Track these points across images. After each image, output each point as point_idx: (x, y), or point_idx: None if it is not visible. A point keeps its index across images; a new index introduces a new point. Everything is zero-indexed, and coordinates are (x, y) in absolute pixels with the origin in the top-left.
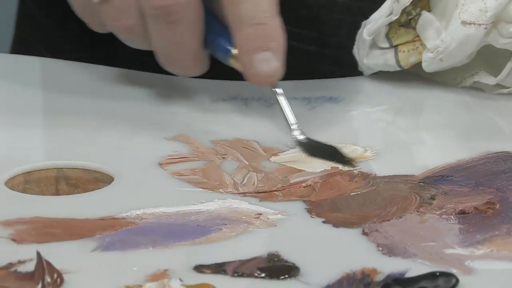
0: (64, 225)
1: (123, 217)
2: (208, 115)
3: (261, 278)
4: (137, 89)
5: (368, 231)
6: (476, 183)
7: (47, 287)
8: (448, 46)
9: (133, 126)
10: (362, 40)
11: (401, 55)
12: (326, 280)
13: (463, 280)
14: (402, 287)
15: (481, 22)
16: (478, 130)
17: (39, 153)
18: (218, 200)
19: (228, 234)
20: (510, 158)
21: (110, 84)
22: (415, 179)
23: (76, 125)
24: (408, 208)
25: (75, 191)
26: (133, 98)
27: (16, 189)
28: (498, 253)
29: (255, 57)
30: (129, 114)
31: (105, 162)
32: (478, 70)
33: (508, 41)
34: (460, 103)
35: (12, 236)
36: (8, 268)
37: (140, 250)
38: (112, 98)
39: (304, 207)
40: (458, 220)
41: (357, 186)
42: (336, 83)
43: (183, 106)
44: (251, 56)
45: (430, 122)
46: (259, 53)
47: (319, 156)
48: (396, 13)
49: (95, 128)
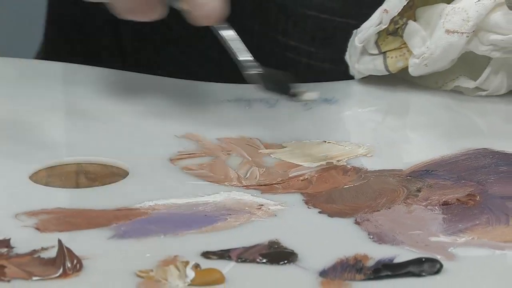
0: (83, 215)
1: (137, 208)
2: (214, 115)
3: (262, 263)
4: (150, 92)
5: (360, 220)
6: (458, 177)
7: (67, 272)
8: (433, 52)
9: (146, 125)
10: (353, 47)
11: (389, 60)
12: (322, 265)
13: (446, 265)
14: (391, 271)
15: (464, 30)
16: (459, 129)
17: (61, 150)
18: (224, 192)
19: (232, 223)
20: (489, 154)
21: (126, 88)
22: (403, 173)
23: (95, 124)
24: (396, 199)
25: (94, 184)
26: (146, 100)
27: (39, 183)
28: (479, 240)
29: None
30: (143, 114)
31: (121, 158)
32: (458, 75)
33: (487, 48)
34: (443, 104)
35: (36, 225)
36: (32, 254)
37: (152, 238)
38: (127, 100)
39: (302, 198)
40: (442, 210)
41: (350, 180)
42: (331, 86)
43: (191, 107)
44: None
45: (415, 122)
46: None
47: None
48: (385, 23)
49: (112, 127)
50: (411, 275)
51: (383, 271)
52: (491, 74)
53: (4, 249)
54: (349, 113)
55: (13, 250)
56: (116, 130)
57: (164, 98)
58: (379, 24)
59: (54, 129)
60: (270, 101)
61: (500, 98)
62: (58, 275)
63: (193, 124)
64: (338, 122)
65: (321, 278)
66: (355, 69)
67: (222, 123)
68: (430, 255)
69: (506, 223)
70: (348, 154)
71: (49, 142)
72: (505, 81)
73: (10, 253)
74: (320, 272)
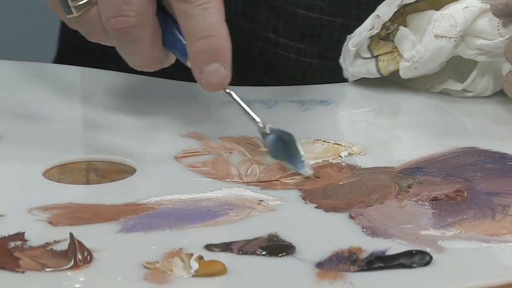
0: (93, 210)
1: (144, 203)
2: (217, 116)
3: (262, 255)
4: (157, 94)
5: (354, 215)
6: (447, 174)
7: (78, 263)
8: (422, 56)
9: (153, 125)
10: (347, 51)
11: (381, 64)
12: (318, 257)
13: (435, 257)
14: (384, 263)
15: (451, 35)
16: (448, 128)
17: (73, 148)
18: (225, 188)
19: (234, 218)
20: (476, 153)
21: (133, 89)
22: (394, 170)
23: (104, 124)
24: (388, 195)
25: (103, 180)
26: (153, 101)
27: (52, 179)
28: (466, 234)
29: (205, 69)
30: (149, 115)
31: (129, 156)
32: (446, 78)
33: (474, 52)
34: (432, 105)
35: (49, 220)
36: (45, 247)
37: (158, 232)
38: (135, 101)
39: (299, 194)
40: (431, 205)
41: (345, 177)
42: (326, 88)
43: (195, 108)
44: (202, 68)
45: (406, 122)
46: (209, 65)
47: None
48: (377, 28)
49: (121, 127)
50: (402, 267)
51: (376, 262)
52: (477, 77)
53: (19, 242)
54: (343, 114)
55: (27, 243)
56: (124, 130)
57: (170, 99)
58: (371, 29)
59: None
60: (269, 102)
61: (486, 99)
62: (69, 267)
63: (197, 124)
64: (333, 122)
65: (317, 270)
66: (348, 72)
67: (224, 123)
68: (420, 247)
69: (492, 217)
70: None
71: (61, 141)
72: (491, 83)
73: (24, 246)
74: (317, 264)
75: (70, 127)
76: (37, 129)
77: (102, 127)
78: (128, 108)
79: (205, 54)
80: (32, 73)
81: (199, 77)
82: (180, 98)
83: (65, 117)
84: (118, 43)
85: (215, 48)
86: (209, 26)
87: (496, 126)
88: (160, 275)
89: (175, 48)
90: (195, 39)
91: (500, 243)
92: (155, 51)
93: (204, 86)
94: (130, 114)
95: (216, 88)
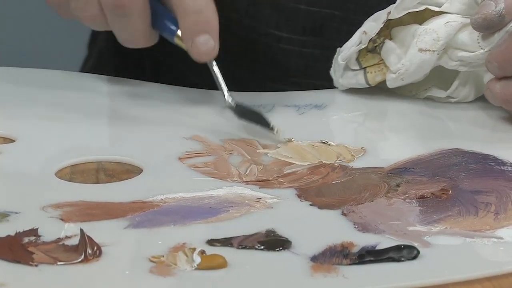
0: (102, 207)
1: (150, 201)
2: (218, 119)
3: (260, 250)
4: (162, 98)
5: (346, 212)
6: (433, 174)
7: (88, 257)
8: (407, 69)
9: (158, 128)
10: (337, 64)
11: (369, 75)
12: (313, 251)
13: (422, 252)
14: (374, 257)
15: (434, 49)
16: (433, 131)
17: (83, 149)
18: (226, 187)
19: (234, 215)
20: (460, 154)
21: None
22: (384, 170)
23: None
24: (378, 193)
25: (112, 180)
26: (158, 105)
27: (64, 179)
28: (451, 230)
29: (196, 40)
30: (155, 119)
31: (136, 156)
32: (430, 86)
33: (456, 63)
34: (418, 110)
35: (61, 216)
36: (57, 242)
37: (163, 227)
38: (142, 107)
39: (295, 192)
40: (418, 203)
41: (337, 176)
42: (320, 94)
43: (198, 112)
44: (193, 38)
45: (394, 125)
46: (199, 36)
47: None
48: (364, 43)
49: (128, 130)
50: (391, 260)
51: (367, 256)
52: (460, 85)
53: (33, 237)
54: (336, 117)
55: (40, 238)
56: (132, 132)
57: (174, 104)
58: (359, 44)
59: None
60: (267, 107)
61: (468, 105)
62: (80, 260)
63: (199, 127)
64: (326, 125)
65: (312, 263)
66: (339, 83)
67: (224, 127)
68: (408, 242)
69: (475, 214)
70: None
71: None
72: (472, 91)
73: (38, 241)
74: (311, 258)
75: (81, 130)
76: (50, 132)
77: (111, 130)
78: (135, 113)
79: (197, 26)
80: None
81: (190, 48)
82: (183, 104)
83: (77, 121)
84: (112, 18)
85: (205, 21)
86: (199, 3)
87: (478, 129)
88: (165, 268)
89: (163, 27)
90: (187, 14)
91: (482, 238)
92: (145, 28)
93: (195, 56)
94: (138, 119)
95: (205, 58)
